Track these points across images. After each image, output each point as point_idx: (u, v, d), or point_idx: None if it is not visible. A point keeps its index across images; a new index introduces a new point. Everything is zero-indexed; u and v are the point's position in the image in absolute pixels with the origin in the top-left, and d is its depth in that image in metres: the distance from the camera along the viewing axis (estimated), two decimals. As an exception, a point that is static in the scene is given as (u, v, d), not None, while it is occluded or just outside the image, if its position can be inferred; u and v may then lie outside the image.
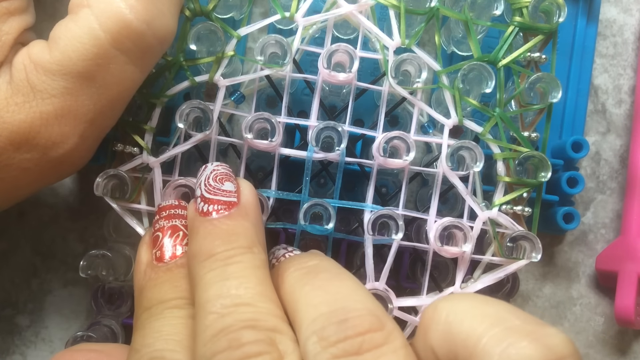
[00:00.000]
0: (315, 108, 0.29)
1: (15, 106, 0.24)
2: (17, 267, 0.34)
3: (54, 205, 0.34)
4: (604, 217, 0.35)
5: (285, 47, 0.28)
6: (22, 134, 0.25)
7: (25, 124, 0.25)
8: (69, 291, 0.34)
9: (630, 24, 0.36)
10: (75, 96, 0.25)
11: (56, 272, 0.34)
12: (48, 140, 0.25)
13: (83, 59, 0.24)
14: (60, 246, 0.34)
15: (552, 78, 0.28)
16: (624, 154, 0.36)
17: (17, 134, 0.25)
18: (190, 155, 0.32)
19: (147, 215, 0.29)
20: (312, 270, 0.24)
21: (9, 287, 0.34)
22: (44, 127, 0.25)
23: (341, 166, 0.29)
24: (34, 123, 0.25)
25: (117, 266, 0.29)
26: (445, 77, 0.29)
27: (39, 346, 0.34)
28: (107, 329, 0.29)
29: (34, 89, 0.24)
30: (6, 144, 0.25)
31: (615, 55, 0.36)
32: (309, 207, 0.28)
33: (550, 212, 0.33)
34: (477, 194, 0.30)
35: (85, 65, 0.24)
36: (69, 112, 0.25)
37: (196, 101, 0.28)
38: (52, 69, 0.24)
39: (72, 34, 0.24)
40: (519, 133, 0.29)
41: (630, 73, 0.36)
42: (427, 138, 0.30)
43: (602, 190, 0.35)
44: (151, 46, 0.25)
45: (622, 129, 0.36)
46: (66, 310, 0.34)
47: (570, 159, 0.32)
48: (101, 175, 0.28)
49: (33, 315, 0.34)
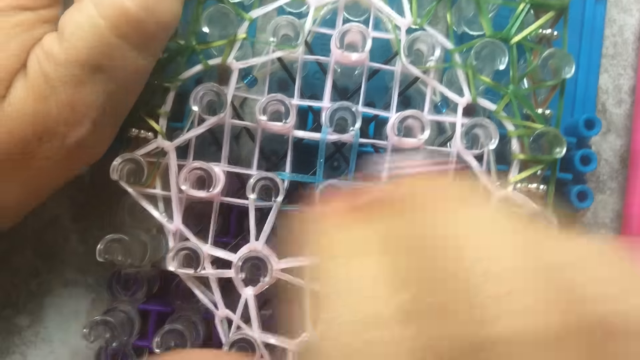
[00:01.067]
0: (328, 90, 0.29)
1: (33, 98, 0.25)
2: (18, 268, 0.34)
3: (54, 205, 0.34)
4: (604, 217, 0.35)
5: (298, 28, 0.28)
6: (43, 123, 0.25)
7: (45, 114, 0.25)
8: (69, 291, 0.34)
9: (630, 24, 0.36)
10: (84, 84, 0.25)
11: (56, 272, 0.34)
12: (65, 127, 0.26)
13: (87, 48, 0.25)
14: (60, 247, 0.34)
15: (565, 53, 0.28)
16: (624, 154, 0.35)
17: (39, 125, 0.25)
18: (204, 140, 0.32)
19: (162, 200, 0.29)
20: None
21: (9, 287, 0.34)
22: (60, 115, 0.25)
23: (355, 147, 0.29)
24: (51, 112, 0.25)
25: (134, 251, 0.29)
26: (457, 56, 0.29)
27: (39, 346, 0.34)
28: (124, 315, 0.29)
29: (47, 79, 0.25)
30: (29, 135, 0.25)
31: (615, 55, 0.36)
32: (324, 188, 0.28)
33: (564, 191, 0.33)
34: (492, 172, 0.30)
35: (89, 54, 0.25)
36: (80, 100, 0.25)
37: (210, 84, 0.28)
38: (60, 59, 0.25)
39: (74, 22, 0.25)
40: (533, 110, 0.29)
41: (630, 73, 0.36)
42: (440, 117, 0.30)
43: (602, 190, 0.35)
44: (152, 32, 0.25)
45: (622, 129, 0.36)
46: (66, 310, 0.34)
47: (582, 137, 0.32)
48: (117, 159, 0.28)
49: (33, 315, 0.34)
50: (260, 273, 0.28)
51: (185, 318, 0.30)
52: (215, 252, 0.29)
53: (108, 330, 0.28)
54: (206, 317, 0.31)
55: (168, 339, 0.28)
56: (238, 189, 0.31)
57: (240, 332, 0.28)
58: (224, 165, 0.29)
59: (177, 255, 0.28)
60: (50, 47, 0.25)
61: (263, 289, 0.28)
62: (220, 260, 0.29)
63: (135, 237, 0.29)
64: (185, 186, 0.28)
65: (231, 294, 0.29)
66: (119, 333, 0.28)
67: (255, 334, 0.28)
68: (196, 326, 0.29)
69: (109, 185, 0.28)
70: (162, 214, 0.29)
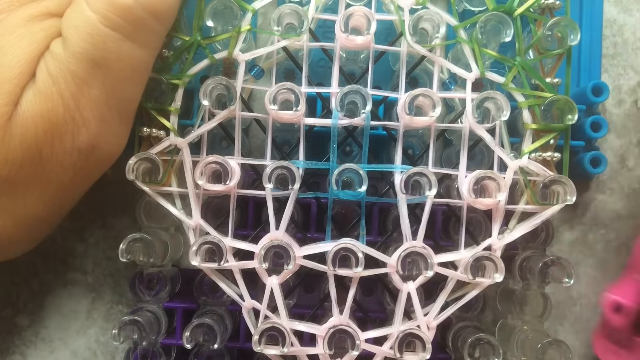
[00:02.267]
0: (335, 75, 0.30)
1: (41, 99, 0.25)
2: (17, 267, 0.34)
3: None
4: (604, 217, 0.35)
5: (302, 16, 0.28)
6: (52, 122, 0.26)
7: (53, 113, 0.26)
8: (69, 291, 0.34)
9: (630, 24, 0.36)
10: (84, 80, 0.26)
11: (56, 272, 0.34)
12: (73, 125, 0.26)
13: (82, 42, 0.25)
14: (60, 246, 0.34)
15: (570, 21, 0.28)
16: (624, 154, 0.35)
17: (48, 125, 0.26)
18: (214, 135, 0.33)
19: (179, 198, 0.30)
20: None
21: (9, 287, 0.34)
22: (67, 113, 0.26)
23: (367, 129, 0.29)
24: (58, 110, 0.26)
25: (156, 250, 0.29)
26: (462, 32, 0.29)
27: (39, 346, 0.34)
28: (151, 314, 0.30)
29: (52, 78, 0.25)
30: (41, 136, 0.26)
31: (615, 55, 0.36)
32: (340, 173, 0.28)
33: (577, 159, 0.33)
34: (505, 145, 0.30)
35: (84, 47, 0.25)
36: (84, 96, 0.26)
37: (219, 77, 0.28)
38: (60, 56, 0.25)
39: (69, 19, 0.26)
40: (542, 79, 0.29)
41: (630, 73, 0.36)
42: (450, 94, 0.30)
43: (602, 190, 0.35)
44: (143, 20, 0.26)
45: (622, 129, 0.36)
46: (66, 310, 0.34)
47: (591, 104, 0.33)
48: (133, 158, 0.28)
49: (33, 315, 0.34)
50: (282, 262, 0.28)
51: (212, 312, 0.30)
52: (236, 244, 0.29)
53: (137, 330, 0.28)
54: (231, 309, 0.31)
55: (197, 334, 0.28)
56: (253, 180, 0.31)
57: (268, 321, 0.28)
58: (238, 157, 0.29)
59: (200, 250, 0.28)
60: (55, 48, 0.26)
61: (287, 277, 0.28)
62: (241, 252, 0.29)
63: (155, 237, 0.29)
64: (202, 181, 0.28)
65: (254, 285, 0.30)
66: (148, 332, 0.28)
67: (283, 321, 0.28)
68: (223, 319, 0.29)
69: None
70: (180, 211, 0.29)
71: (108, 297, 0.34)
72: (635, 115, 0.36)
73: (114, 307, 0.34)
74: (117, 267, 0.34)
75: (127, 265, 0.34)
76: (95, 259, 0.34)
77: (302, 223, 0.31)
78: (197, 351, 0.30)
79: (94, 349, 0.34)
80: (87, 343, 0.34)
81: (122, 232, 0.34)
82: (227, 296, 0.29)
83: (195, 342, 0.28)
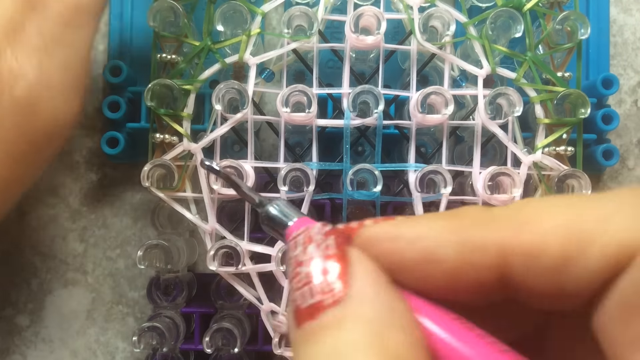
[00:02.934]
0: (346, 75, 0.30)
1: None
2: (17, 267, 0.34)
3: (53, 205, 0.35)
4: None
5: (312, 17, 0.28)
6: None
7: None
8: (69, 291, 0.34)
9: (630, 24, 0.36)
10: (19, 21, 0.24)
11: (56, 272, 0.34)
12: (10, 75, 0.24)
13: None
14: (60, 246, 0.34)
15: (579, 14, 0.28)
16: (624, 154, 0.35)
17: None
18: (226, 139, 0.33)
19: (194, 203, 0.30)
20: None
21: (9, 287, 0.34)
22: (3, 61, 0.24)
23: (379, 129, 0.29)
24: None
25: (173, 256, 0.29)
26: (472, 28, 0.29)
27: (39, 346, 0.34)
28: (169, 320, 0.30)
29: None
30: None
31: (615, 55, 0.36)
32: (354, 173, 0.28)
33: (589, 152, 0.33)
34: (517, 140, 0.30)
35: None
36: (19, 42, 0.24)
37: (231, 81, 0.28)
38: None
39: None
40: (553, 74, 0.29)
41: (630, 73, 0.36)
42: (462, 91, 0.30)
43: (602, 190, 0.35)
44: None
45: (622, 128, 0.36)
46: (66, 310, 0.34)
47: (601, 97, 0.33)
48: (147, 165, 0.28)
49: (33, 315, 0.34)
50: (299, 264, 0.28)
51: (230, 316, 0.30)
52: (253, 247, 0.29)
53: (156, 336, 0.28)
54: (247, 313, 0.31)
55: (217, 338, 0.28)
56: (266, 183, 0.31)
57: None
58: (251, 161, 0.29)
59: (217, 255, 0.28)
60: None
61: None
62: (257, 255, 0.29)
63: (172, 242, 0.30)
64: (217, 186, 0.28)
65: (271, 287, 0.30)
66: (167, 339, 0.28)
67: (303, 324, 0.28)
68: (242, 323, 0.29)
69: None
70: (195, 216, 0.29)
71: (108, 297, 0.34)
72: (635, 115, 0.36)
73: (114, 307, 0.34)
74: (117, 267, 0.34)
75: (127, 266, 0.34)
76: (95, 259, 0.34)
77: (317, 224, 0.31)
78: (216, 355, 0.30)
79: (94, 349, 0.34)
80: (87, 343, 0.34)
81: (122, 232, 0.34)
82: (244, 299, 0.29)
83: (215, 347, 0.28)
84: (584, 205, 0.14)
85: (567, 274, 0.13)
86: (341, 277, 0.14)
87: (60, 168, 0.35)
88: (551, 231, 0.13)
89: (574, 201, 0.14)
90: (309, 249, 0.14)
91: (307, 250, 0.14)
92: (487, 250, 0.14)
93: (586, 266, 0.13)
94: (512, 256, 0.14)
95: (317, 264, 0.14)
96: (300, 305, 0.14)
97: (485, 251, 0.14)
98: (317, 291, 0.13)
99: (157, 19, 0.29)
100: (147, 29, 0.29)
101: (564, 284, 0.13)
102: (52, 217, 0.35)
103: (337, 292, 0.13)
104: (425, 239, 0.14)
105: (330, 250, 0.14)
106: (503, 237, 0.14)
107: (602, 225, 0.13)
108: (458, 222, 0.14)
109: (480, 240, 0.14)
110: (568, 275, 0.13)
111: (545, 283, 0.14)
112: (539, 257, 0.13)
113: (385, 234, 0.15)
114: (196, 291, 0.32)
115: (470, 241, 0.14)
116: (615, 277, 0.13)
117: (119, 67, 0.32)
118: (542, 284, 0.14)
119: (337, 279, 0.14)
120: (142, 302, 0.34)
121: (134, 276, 0.34)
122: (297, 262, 0.14)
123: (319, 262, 0.14)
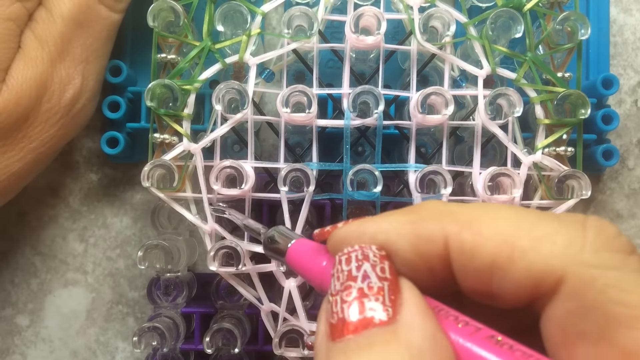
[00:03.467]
0: (346, 76, 0.30)
1: (30, 63, 0.28)
2: (17, 267, 0.34)
3: (53, 205, 0.35)
4: (604, 217, 0.35)
5: (312, 18, 0.28)
6: (42, 83, 0.28)
7: (43, 73, 0.28)
8: (69, 291, 0.34)
9: (630, 24, 0.36)
10: (70, 39, 0.29)
11: (56, 272, 0.34)
12: (60, 83, 0.29)
13: (68, 3, 0.28)
14: (60, 246, 0.35)
15: (580, 15, 0.28)
16: (624, 154, 0.35)
17: (40, 85, 0.28)
18: (225, 139, 0.33)
19: (194, 203, 0.30)
20: None
21: (9, 287, 0.34)
22: (55, 71, 0.29)
23: (380, 129, 0.29)
24: (47, 71, 0.28)
25: (173, 256, 0.29)
26: (472, 29, 0.29)
27: (39, 346, 0.34)
28: (170, 320, 0.30)
29: (39, 41, 0.28)
30: (33, 97, 0.28)
31: (615, 55, 0.36)
32: (354, 174, 0.28)
33: (589, 152, 0.33)
34: (518, 140, 0.30)
35: (71, 9, 0.28)
36: (69, 55, 0.29)
37: (231, 82, 0.28)
38: (48, 18, 0.28)
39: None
40: (553, 74, 0.29)
41: (630, 73, 0.36)
42: (462, 91, 0.30)
43: (602, 190, 0.35)
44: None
45: (622, 129, 0.36)
46: (66, 310, 0.34)
47: (601, 97, 0.33)
48: (148, 165, 0.28)
49: (33, 315, 0.34)
50: (300, 264, 0.28)
51: (230, 316, 0.30)
52: (253, 247, 0.29)
53: (157, 336, 0.28)
54: (247, 313, 0.31)
55: (217, 339, 0.28)
56: (266, 183, 0.31)
57: (288, 323, 0.28)
58: (252, 161, 0.29)
59: (217, 255, 0.28)
60: (40, 15, 0.28)
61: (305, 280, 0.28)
62: (257, 255, 0.29)
63: (172, 242, 0.30)
64: (217, 186, 0.28)
65: (271, 287, 0.30)
66: (168, 339, 0.28)
67: (303, 324, 0.28)
68: (242, 323, 0.29)
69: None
70: (195, 216, 0.29)
71: (108, 297, 0.34)
72: (635, 115, 0.36)
73: (114, 307, 0.34)
74: (117, 267, 0.34)
75: (127, 266, 0.34)
76: (95, 259, 0.35)
77: (317, 224, 0.31)
78: (217, 355, 0.30)
79: (94, 349, 0.34)
80: (87, 343, 0.34)
81: (122, 232, 0.35)
82: (244, 300, 0.29)
83: (215, 347, 0.28)
84: (528, 221, 0.15)
85: (495, 278, 0.15)
86: (393, 301, 0.14)
87: (60, 168, 0.35)
88: (488, 237, 0.15)
89: (522, 215, 0.15)
90: (364, 267, 0.15)
91: (361, 267, 0.15)
92: (434, 241, 0.15)
93: (512, 278, 0.14)
94: (451, 252, 0.15)
95: (372, 283, 0.15)
96: (347, 319, 0.14)
97: (433, 242, 0.15)
98: (369, 308, 0.14)
99: (157, 19, 0.29)
100: (147, 29, 0.29)
101: (492, 287, 0.15)
102: (52, 217, 0.35)
103: (388, 313, 0.14)
104: (384, 232, 0.16)
105: (385, 274, 0.15)
106: (449, 232, 0.15)
107: (535, 244, 0.14)
108: (415, 215, 0.16)
109: (428, 232, 0.15)
110: (496, 280, 0.15)
111: (476, 281, 0.15)
112: (473, 258, 0.15)
113: (352, 232, 0.16)
114: (196, 291, 0.32)
115: (420, 232, 0.15)
116: (545, 295, 0.14)
117: (119, 67, 0.32)
118: (474, 281, 0.15)
119: (389, 301, 0.14)
120: (142, 302, 0.34)
121: (134, 276, 0.34)
122: (350, 276, 0.15)
123: (375, 281, 0.15)
